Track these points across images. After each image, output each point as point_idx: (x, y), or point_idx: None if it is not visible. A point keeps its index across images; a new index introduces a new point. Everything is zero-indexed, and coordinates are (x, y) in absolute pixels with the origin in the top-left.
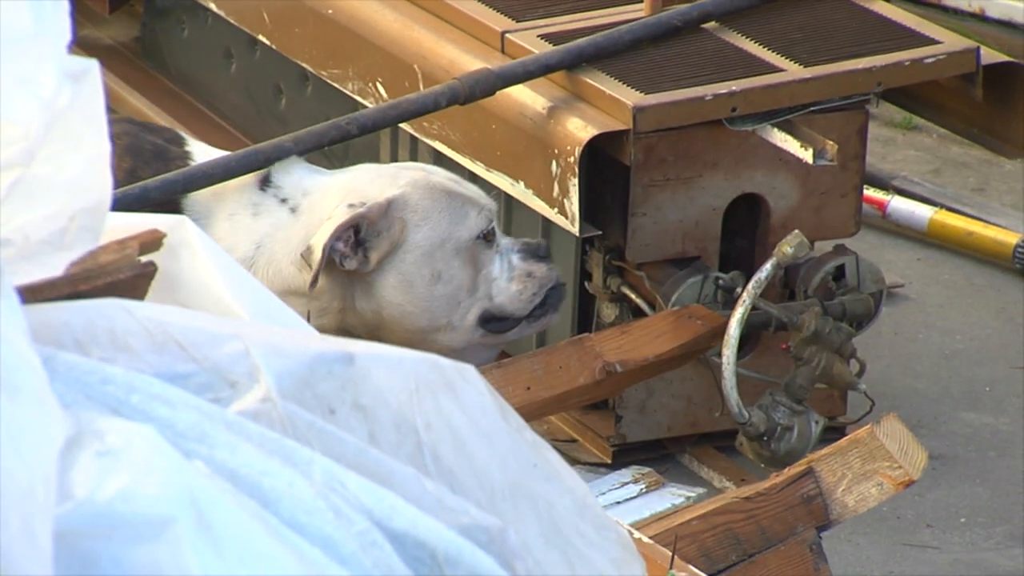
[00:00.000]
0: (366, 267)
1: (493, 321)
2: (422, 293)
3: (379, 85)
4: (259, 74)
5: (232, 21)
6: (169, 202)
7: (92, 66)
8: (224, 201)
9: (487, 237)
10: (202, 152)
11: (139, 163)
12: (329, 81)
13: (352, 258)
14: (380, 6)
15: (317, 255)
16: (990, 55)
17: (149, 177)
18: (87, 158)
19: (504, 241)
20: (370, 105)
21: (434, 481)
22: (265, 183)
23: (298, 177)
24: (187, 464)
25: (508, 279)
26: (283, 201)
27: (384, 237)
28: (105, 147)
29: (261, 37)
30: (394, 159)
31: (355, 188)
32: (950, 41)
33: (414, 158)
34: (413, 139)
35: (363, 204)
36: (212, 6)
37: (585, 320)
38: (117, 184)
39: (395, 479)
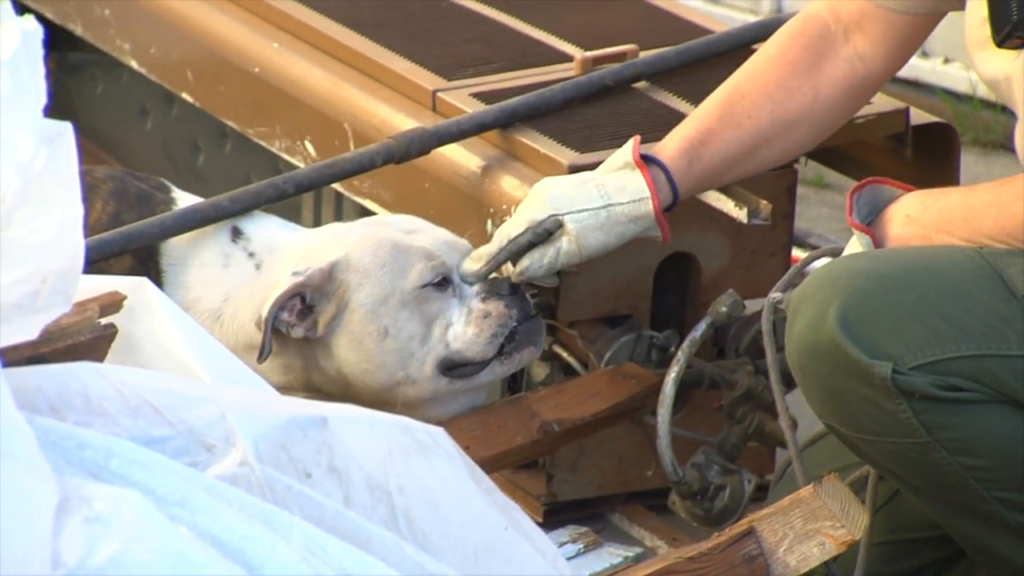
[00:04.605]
0: (314, 333)
1: (455, 368)
2: (372, 350)
3: (308, 143)
4: (176, 131)
5: (153, 78)
6: (148, 246)
7: (66, 129)
8: (198, 249)
9: (439, 284)
10: (187, 200)
11: (124, 208)
12: (256, 139)
13: (299, 326)
14: (308, 64)
15: (261, 327)
16: (919, 116)
17: (133, 221)
18: (60, 221)
19: (468, 287)
20: (298, 163)
21: (411, 545)
22: (236, 234)
23: (268, 232)
24: (175, 530)
25: (465, 323)
26: (251, 255)
27: (330, 301)
28: (78, 210)
29: (185, 95)
30: (317, 217)
31: (307, 252)
32: (880, 102)
33: (339, 217)
34: (338, 197)
35: (307, 270)
36: (133, 63)
37: (516, 379)
38: (100, 227)
39: (374, 543)
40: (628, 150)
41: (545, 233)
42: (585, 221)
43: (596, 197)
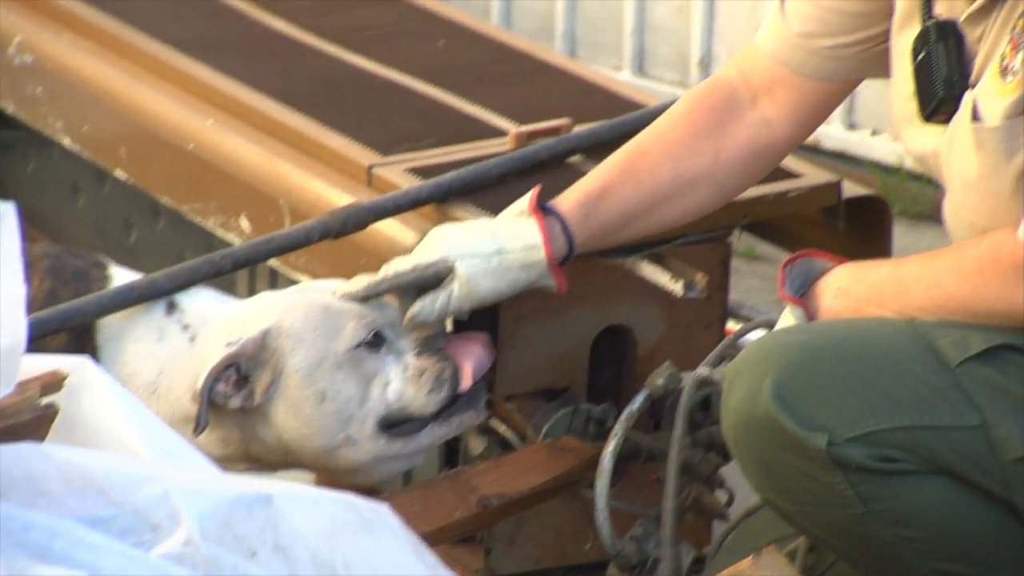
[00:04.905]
0: (251, 403)
1: (396, 425)
2: (311, 415)
3: (243, 220)
4: (108, 208)
5: (87, 156)
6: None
7: (8, 210)
8: (134, 324)
9: (372, 344)
10: (123, 276)
11: (59, 284)
12: (191, 216)
13: (236, 396)
14: (243, 140)
15: (196, 400)
16: (851, 189)
17: (69, 298)
18: (3, 301)
19: (403, 342)
20: (233, 240)
21: None
22: (171, 307)
23: (202, 304)
24: None
25: (403, 381)
26: (185, 328)
27: (264, 369)
28: (20, 290)
29: (118, 171)
30: (251, 293)
31: (240, 322)
32: (812, 174)
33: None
34: (272, 273)
35: (239, 340)
36: (66, 141)
37: (453, 453)
38: (36, 304)
39: None
40: (526, 199)
41: (433, 276)
42: (476, 266)
43: (489, 243)
